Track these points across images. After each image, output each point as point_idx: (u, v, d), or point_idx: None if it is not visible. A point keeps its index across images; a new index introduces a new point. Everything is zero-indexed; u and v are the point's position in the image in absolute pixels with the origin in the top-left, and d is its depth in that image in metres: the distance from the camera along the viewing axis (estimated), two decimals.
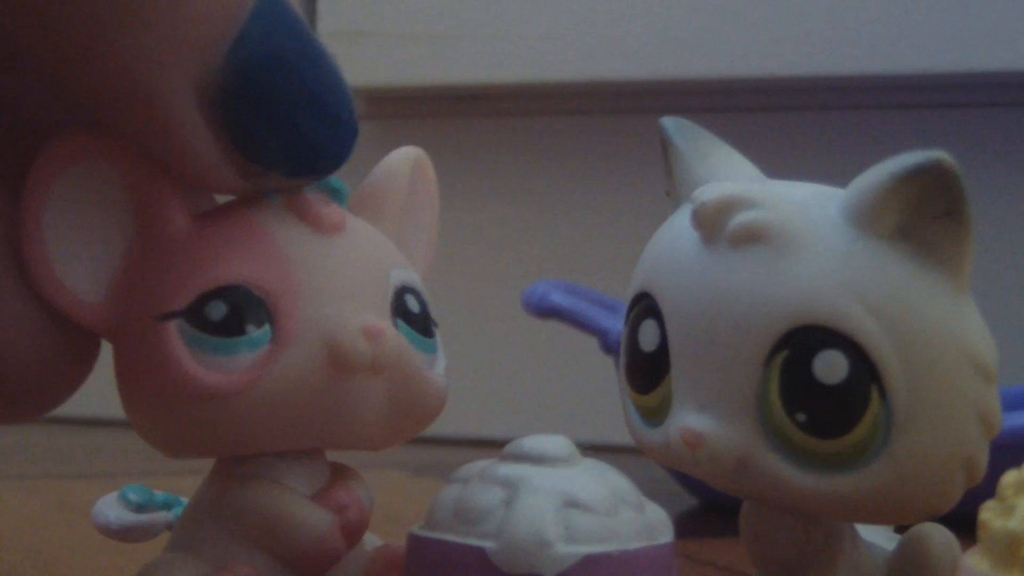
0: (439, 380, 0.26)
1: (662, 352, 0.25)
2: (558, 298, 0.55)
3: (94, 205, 0.25)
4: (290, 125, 0.24)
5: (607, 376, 0.44)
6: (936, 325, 0.23)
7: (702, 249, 0.24)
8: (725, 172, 0.26)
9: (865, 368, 0.23)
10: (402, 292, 0.26)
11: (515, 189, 0.78)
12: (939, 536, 0.25)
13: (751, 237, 0.24)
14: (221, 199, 0.26)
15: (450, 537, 0.24)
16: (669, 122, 0.27)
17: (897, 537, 0.26)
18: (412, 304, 0.26)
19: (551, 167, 0.77)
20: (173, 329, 0.24)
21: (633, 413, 0.26)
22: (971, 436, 0.23)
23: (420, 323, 0.26)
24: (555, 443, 0.25)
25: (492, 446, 0.30)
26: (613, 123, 0.76)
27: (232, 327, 0.24)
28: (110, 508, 0.29)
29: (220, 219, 0.25)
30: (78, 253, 0.25)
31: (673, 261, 0.25)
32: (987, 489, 0.23)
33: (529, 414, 0.76)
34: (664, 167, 0.27)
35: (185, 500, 0.28)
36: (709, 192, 0.24)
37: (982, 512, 0.24)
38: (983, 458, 0.24)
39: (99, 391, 0.28)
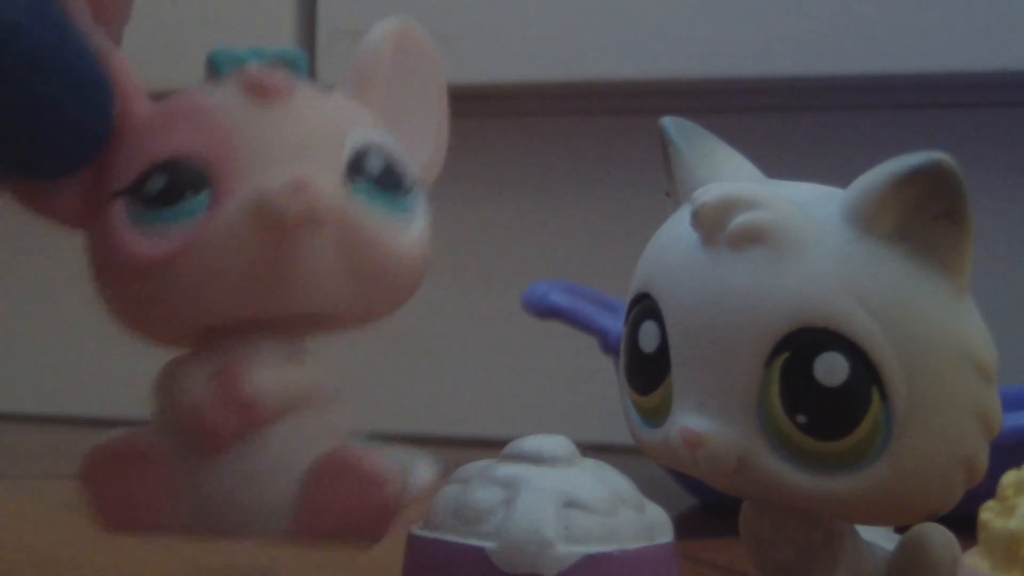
0: (404, 239, 0.26)
1: (662, 353, 0.25)
2: (558, 298, 0.55)
3: None
4: None
5: (607, 376, 0.44)
6: (936, 326, 0.23)
7: (702, 250, 0.24)
8: (725, 172, 0.26)
9: (866, 370, 0.23)
10: (362, 153, 0.26)
11: (515, 189, 0.77)
12: (939, 536, 0.25)
13: (751, 238, 0.24)
14: None
15: (450, 537, 0.24)
16: (669, 122, 0.27)
17: (897, 537, 0.26)
18: (373, 162, 0.26)
19: (551, 167, 0.77)
20: (119, 206, 0.26)
21: (633, 413, 0.26)
22: (971, 436, 0.23)
23: (386, 180, 0.26)
24: (555, 443, 0.25)
25: (492, 446, 0.29)
26: (613, 123, 0.76)
27: (169, 197, 0.25)
28: None
29: (172, 103, 0.27)
30: None
31: (673, 262, 0.25)
32: (987, 489, 0.23)
33: (529, 414, 0.76)
34: (664, 167, 0.27)
35: None
36: (709, 193, 0.24)
37: (982, 512, 0.24)
38: (983, 458, 0.24)
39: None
